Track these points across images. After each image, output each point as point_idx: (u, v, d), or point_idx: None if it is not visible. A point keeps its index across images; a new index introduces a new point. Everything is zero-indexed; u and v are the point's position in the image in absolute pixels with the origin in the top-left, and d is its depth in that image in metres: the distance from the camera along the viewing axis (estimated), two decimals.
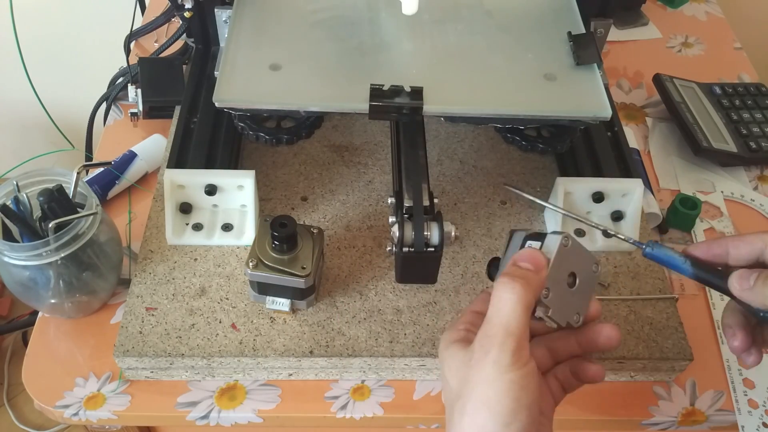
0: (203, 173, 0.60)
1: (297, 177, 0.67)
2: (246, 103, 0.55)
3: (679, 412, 0.56)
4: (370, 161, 0.68)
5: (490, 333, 0.40)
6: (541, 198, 0.54)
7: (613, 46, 0.89)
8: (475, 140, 0.71)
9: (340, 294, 0.58)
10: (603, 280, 0.60)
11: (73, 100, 1.20)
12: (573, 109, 0.55)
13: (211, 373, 0.56)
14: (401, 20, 0.60)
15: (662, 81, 0.79)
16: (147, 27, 0.83)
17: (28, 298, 0.56)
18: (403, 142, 0.55)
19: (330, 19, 0.61)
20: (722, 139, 0.74)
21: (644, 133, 0.79)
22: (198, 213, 0.62)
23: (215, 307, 0.57)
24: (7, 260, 0.52)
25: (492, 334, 0.40)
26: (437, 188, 0.66)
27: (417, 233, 0.48)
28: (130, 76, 0.73)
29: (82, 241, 0.53)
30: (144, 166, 0.69)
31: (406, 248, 0.49)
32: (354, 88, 0.54)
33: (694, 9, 0.97)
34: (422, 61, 0.58)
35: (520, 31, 0.62)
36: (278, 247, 0.53)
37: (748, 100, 0.79)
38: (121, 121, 0.77)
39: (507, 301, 0.40)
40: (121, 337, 0.54)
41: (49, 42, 1.25)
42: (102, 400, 0.55)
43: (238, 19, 0.61)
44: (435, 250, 0.49)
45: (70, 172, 0.55)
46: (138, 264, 0.59)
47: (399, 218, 0.49)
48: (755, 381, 0.59)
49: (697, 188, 0.73)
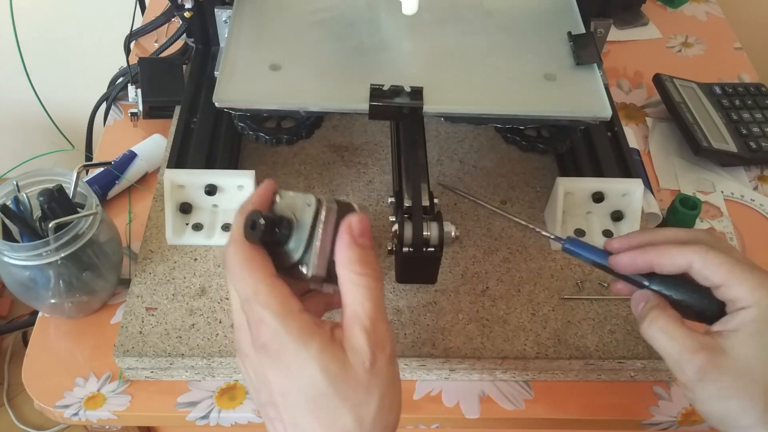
0: (203, 173, 0.60)
1: (297, 177, 0.67)
2: (246, 103, 0.55)
3: (679, 412, 0.56)
4: (370, 161, 0.68)
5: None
6: (473, 196, 0.54)
7: (613, 46, 0.89)
8: (475, 140, 0.71)
9: None
10: (603, 281, 0.60)
11: (73, 100, 1.20)
12: (573, 109, 0.55)
13: (211, 373, 0.56)
14: (401, 20, 0.60)
15: (662, 81, 0.79)
16: (147, 27, 0.83)
17: (28, 298, 0.56)
18: (403, 142, 0.55)
19: (330, 19, 0.61)
20: (722, 139, 0.74)
21: (644, 133, 0.79)
22: (198, 213, 0.62)
23: (215, 307, 0.57)
24: (7, 260, 0.52)
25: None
26: (437, 188, 0.66)
27: (416, 233, 0.48)
28: (130, 76, 0.73)
29: (82, 241, 0.53)
30: (144, 166, 0.69)
31: (406, 248, 0.49)
32: (354, 88, 0.54)
33: (694, 9, 0.97)
34: (422, 61, 0.58)
35: (520, 31, 0.62)
36: None
37: (748, 100, 0.79)
38: (121, 121, 0.77)
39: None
40: (121, 337, 0.54)
41: (49, 42, 1.25)
42: (102, 400, 0.55)
43: (238, 19, 0.61)
44: (435, 250, 0.49)
45: (70, 172, 0.55)
46: (138, 264, 0.59)
47: (399, 218, 0.49)
48: None
49: (697, 188, 0.73)
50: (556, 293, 0.59)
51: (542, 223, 0.64)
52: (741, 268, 0.44)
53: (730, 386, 0.43)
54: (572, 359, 0.55)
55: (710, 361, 0.43)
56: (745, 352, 0.43)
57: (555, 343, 0.56)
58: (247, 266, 0.40)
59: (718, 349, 0.43)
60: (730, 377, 0.42)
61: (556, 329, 0.57)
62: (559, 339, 0.56)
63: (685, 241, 0.47)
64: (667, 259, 0.46)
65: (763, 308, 0.43)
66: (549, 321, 0.57)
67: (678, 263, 0.46)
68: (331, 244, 0.41)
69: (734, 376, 0.42)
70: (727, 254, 0.45)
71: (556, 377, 0.57)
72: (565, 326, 0.57)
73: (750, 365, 0.42)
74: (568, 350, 0.55)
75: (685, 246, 0.46)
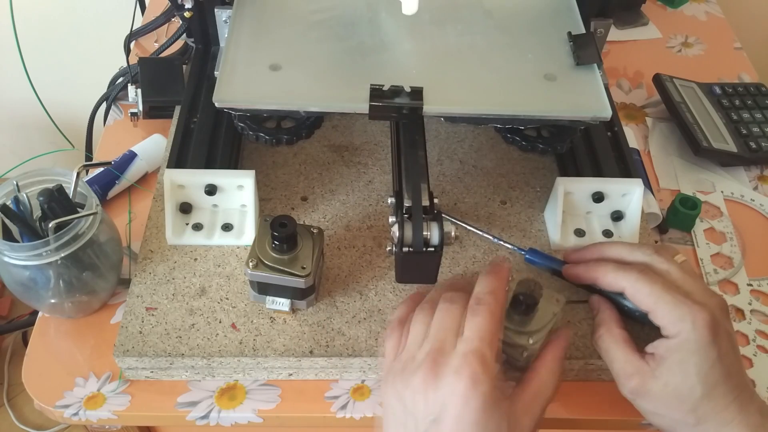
0: (203, 173, 0.60)
1: (297, 177, 0.67)
2: (246, 104, 0.55)
3: None
4: (370, 161, 0.68)
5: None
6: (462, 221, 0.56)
7: (613, 46, 0.89)
8: (475, 140, 0.71)
9: (340, 294, 0.58)
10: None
11: (73, 100, 1.21)
12: (573, 110, 0.55)
13: (211, 373, 0.56)
14: (401, 20, 0.60)
15: (662, 81, 0.79)
16: (147, 27, 0.83)
17: (28, 298, 0.56)
18: (403, 142, 0.55)
19: (330, 19, 0.61)
20: (722, 139, 0.74)
21: (644, 133, 0.79)
22: (198, 213, 0.62)
23: (215, 307, 0.57)
24: (7, 260, 0.52)
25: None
26: (437, 188, 0.66)
27: (416, 233, 0.48)
28: (130, 76, 0.73)
29: (82, 241, 0.53)
30: (144, 166, 0.69)
31: (405, 248, 0.49)
32: (354, 89, 0.54)
33: (694, 9, 0.97)
34: (422, 61, 0.58)
35: (520, 31, 0.62)
36: (278, 247, 0.53)
37: (748, 100, 0.79)
38: (121, 121, 0.77)
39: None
40: (121, 337, 0.54)
41: (49, 42, 1.25)
42: (102, 400, 0.55)
43: (238, 19, 0.61)
44: (435, 250, 0.49)
45: (70, 172, 0.55)
46: (138, 264, 0.59)
47: (399, 218, 0.49)
48: (755, 381, 0.59)
49: (696, 188, 0.73)
50: (556, 293, 0.59)
51: (542, 223, 0.64)
52: (666, 299, 0.49)
53: (661, 406, 0.48)
54: (572, 359, 0.55)
55: (642, 386, 0.49)
56: (673, 379, 0.48)
57: None
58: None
59: (649, 375, 0.48)
60: (661, 400, 0.48)
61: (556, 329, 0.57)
62: None
63: (628, 262, 0.53)
64: (605, 281, 0.53)
65: (682, 340, 0.48)
66: None
67: (613, 286, 0.52)
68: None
69: (664, 400, 0.48)
70: (658, 283, 0.49)
71: None
72: (565, 326, 0.57)
73: (677, 389, 0.47)
74: (567, 350, 0.55)
75: (621, 271, 0.51)
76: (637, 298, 0.50)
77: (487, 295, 0.46)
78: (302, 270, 0.53)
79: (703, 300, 0.48)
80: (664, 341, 0.48)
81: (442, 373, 0.43)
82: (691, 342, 0.47)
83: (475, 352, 0.43)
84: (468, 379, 0.42)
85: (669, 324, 0.48)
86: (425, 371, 0.43)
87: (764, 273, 0.66)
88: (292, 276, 0.53)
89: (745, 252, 0.68)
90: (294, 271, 0.53)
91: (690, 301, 0.48)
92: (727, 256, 0.67)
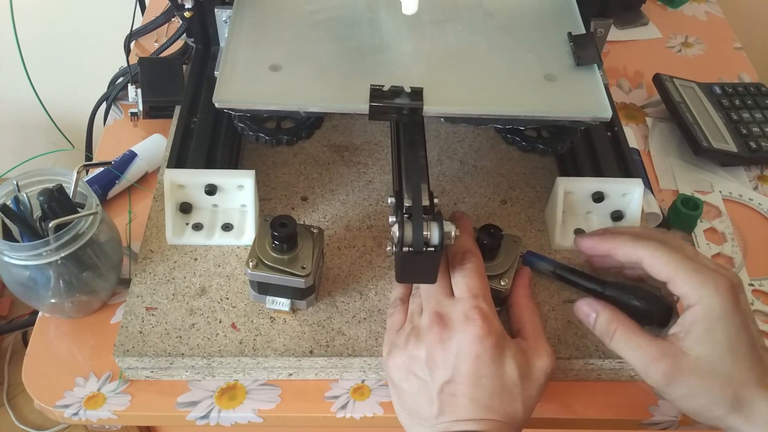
0: (203, 173, 0.60)
1: (297, 177, 0.67)
2: (246, 104, 0.55)
3: (679, 412, 0.56)
4: (370, 161, 0.68)
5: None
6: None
7: (613, 46, 0.89)
8: (475, 140, 0.71)
9: (340, 294, 0.58)
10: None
11: (73, 100, 1.21)
12: (573, 110, 0.55)
13: (211, 373, 0.56)
14: (401, 20, 0.60)
15: (662, 81, 0.79)
16: (147, 27, 0.83)
17: (28, 298, 0.56)
18: (403, 142, 0.55)
19: (330, 19, 0.61)
20: (722, 139, 0.74)
21: (644, 133, 0.79)
22: (198, 213, 0.62)
23: (215, 306, 0.57)
24: (7, 260, 0.52)
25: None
26: (437, 188, 0.66)
27: (416, 233, 0.48)
28: (130, 76, 0.73)
29: (82, 240, 0.53)
30: (144, 166, 0.69)
31: (406, 248, 0.49)
32: (354, 89, 0.54)
33: (694, 9, 0.97)
34: (422, 61, 0.58)
35: (520, 32, 0.62)
36: (278, 247, 0.53)
37: (748, 100, 0.79)
38: (121, 121, 0.77)
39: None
40: (121, 336, 0.54)
41: (49, 42, 1.25)
42: (102, 400, 0.55)
43: (238, 19, 0.61)
44: (435, 250, 0.49)
45: (70, 172, 0.55)
46: (138, 264, 0.59)
47: (399, 218, 0.49)
48: None
49: (696, 188, 0.73)
50: (556, 293, 0.59)
51: (542, 223, 0.64)
52: (685, 266, 0.48)
53: (697, 386, 0.46)
54: (572, 359, 0.55)
55: (674, 365, 0.46)
56: (703, 351, 0.46)
57: (555, 343, 0.56)
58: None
59: (679, 353, 0.46)
60: (695, 377, 0.46)
61: (556, 329, 0.57)
62: (559, 339, 0.56)
63: (640, 237, 0.52)
64: (622, 250, 0.51)
65: (707, 305, 0.46)
66: (549, 321, 0.57)
67: (631, 256, 0.51)
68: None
69: (698, 376, 0.46)
70: (675, 252, 0.49)
71: (556, 377, 0.57)
72: (565, 326, 0.57)
73: (710, 362, 0.45)
74: (568, 350, 0.55)
75: (639, 241, 0.50)
76: (655, 267, 0.49)
77: (466, 253, 0.52)
78: (302, 270, 0.53)
79: (721, 270, 0.48)
80: (686, 314, 0.47)
81: (452, 325, 0.48)
82: (716, 306, 0.45)
83: (475, 308, 0.48)
84: (477, 326, 0.47)
85: (690, 291, 0.47)
86: (436, 328, 0.48)
87: (765, 273, 0.66)
88: (292, 276, 0.53)
89: (746, 252, 0.68)
90: (294, 271, 0.53)
91: (709, 268, 0.47)
92: (728, 256, 0.67)
